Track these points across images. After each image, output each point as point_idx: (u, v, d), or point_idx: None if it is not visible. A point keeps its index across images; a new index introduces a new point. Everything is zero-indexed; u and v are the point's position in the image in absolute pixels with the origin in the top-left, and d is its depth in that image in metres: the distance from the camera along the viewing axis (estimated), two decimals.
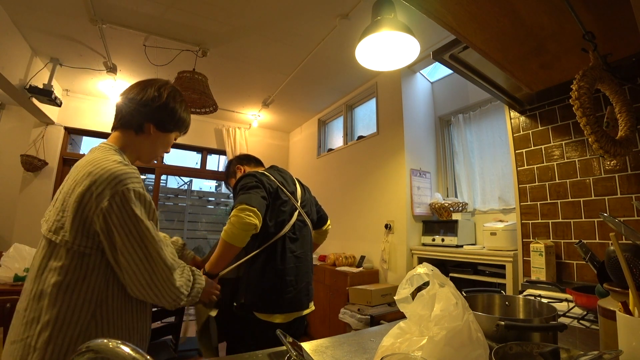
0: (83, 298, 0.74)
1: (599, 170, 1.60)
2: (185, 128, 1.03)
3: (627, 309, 0.58)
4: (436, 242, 2.75)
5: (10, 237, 3.53)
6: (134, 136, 0.92)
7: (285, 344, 0.67)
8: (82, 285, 0.74)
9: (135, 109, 0.90)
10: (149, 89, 0.92)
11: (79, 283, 0.74)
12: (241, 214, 1.20)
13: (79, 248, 0.75)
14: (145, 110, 0.90)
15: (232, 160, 1.77)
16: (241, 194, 1.30)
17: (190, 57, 2.99)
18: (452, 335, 0.53)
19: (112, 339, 0.78)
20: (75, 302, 0.73)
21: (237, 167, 1.70)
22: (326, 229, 1.80)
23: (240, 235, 1.19)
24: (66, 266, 0.74)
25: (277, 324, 1.32)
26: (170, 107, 0.94)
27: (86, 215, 0.74)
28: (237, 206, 1.23)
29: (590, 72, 1.11)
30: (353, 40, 2.58)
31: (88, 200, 0.74)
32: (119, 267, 0.77)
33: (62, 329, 0.71)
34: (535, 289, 1.53)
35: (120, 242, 0.75)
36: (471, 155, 2.93)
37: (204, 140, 4.74)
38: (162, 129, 0.95)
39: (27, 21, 2.61)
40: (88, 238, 0.75)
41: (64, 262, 0.74)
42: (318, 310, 3.35)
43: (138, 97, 0.91)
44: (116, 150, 0.87)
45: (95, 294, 0.75)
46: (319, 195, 4.24)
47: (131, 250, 0.75)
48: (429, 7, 1.09)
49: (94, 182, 0.75)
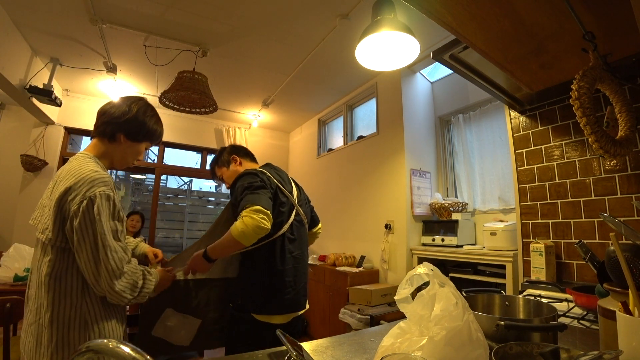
0: (70, 284, 0.91)
1: (599, 170, 1.60)
2: (156, 138, 1.18)
3: (627, 309, 0.58)
4: (436, 242, 2.75)
5: (10, 237, 3.53)
6: (107, 144, 1.07)
7: (285, 344, 0.67)
8: (67, 275, 0.91)
9: (108, 120, 1.06)
10: (122, 105, 1.09)
11: (64, 273, 0.91)
12: (256, 217, 1.19)
13: (60, 244, 0.90)
14: (116, 122, 1.06)
15: (226, 147, 1.69)
16: (249, 194, 1.28)
17: (190, 57, 2.99)
18: (452, 335, 0.53)
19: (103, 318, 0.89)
20: (65, 288, 0.90)
21: (233, 157, 1.63)
22: (317, 231, 1.75)
23: (251, 236, 1.19)
24: (53, 260, 0.90)
25: (276, 325, 1.31)
26: (140, 120, 1.10)
27: (63, 217, 0.90)
28: (250, 206, 1.21)
29: (590, 72, 1.11)
30: (353, 40, 2.58)
31: (64, 204, 0.90)
32: (79, 262, 0.91)
33: (60, 310, 0.88)
34: (535, 289, 1.53)
35: (77, 243, 0.88)
36: (471, 155, 2.93)
37: (204, 140, 4.74)
38: (132, 139, 1.10)
39: (27, 21, 2.61)
40: (65, 235, 0.90)
41: (51, 257, 0.90)
42: (318, 310, 3.35)
43: (112, 111, 1.07)
44: (91, 158, 1.01)
45: (79, 281, 0.92)
46: (319, 196, 4.27)
47: (83, 252, 0.89)
48: (429, 7, 1.09)
49: (69, 188, 0.90)
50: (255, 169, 1.45)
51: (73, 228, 0.88)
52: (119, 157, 1.10)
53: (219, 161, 1.65)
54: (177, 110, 3.02)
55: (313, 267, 3.55)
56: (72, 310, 0.90)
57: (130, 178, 5.13)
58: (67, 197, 0.89)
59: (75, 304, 0.90)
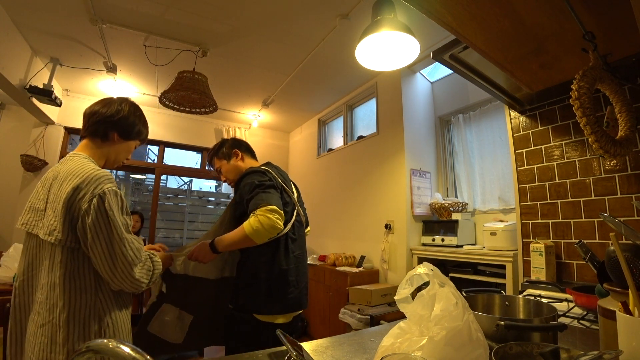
0: (83, 283, 0.92)
1: (599, 170, 1.60)
2: (145, 137, 1.22)
3: (627, 309, 0.58)
4: (436, 242, 2.75)
5: (10, 237, 3.53)
6: (100, 143, 1.08)
7: (285, 344, 0.67)
8: (79, 274, 0.92)
9: (100, 120, 1.07)
10: (112, 104, 1.10)
11: (77, 272, 0.92)
12: (272, 216, 1.18)
13: (70, 244, 0.91)
14: (109, 120, 1.08)
15: (227, 140, 1.63)
16: (261, 192, 1.27)
17: (190, 57, 2.99)
18: (452, 335, 0.53)
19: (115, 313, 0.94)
20: (79, 287, 0.91)
21: (234, 151, 1.58)
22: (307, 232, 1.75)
23: (264, 235, 1.19)
24: (64, 260, 0.91)
25: (278, 325, 1.31)
26: (132, 119, 1.13)
27: (72, 216, 0.90)
28: (264, 205, 1.21)
29: (590, 72, 1.11)
30: (353, 40, 2.58)
31: (72, 203, 0.90)
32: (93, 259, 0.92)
33: (75, 309, 0.90)
34: (535, 289, 1.53)
35: (91, 240, 0.89)
36: (471, 155, 2.93)
37: (204, 140, 4.74)
38: (125, 137, 1.12)
39: (27, 21, 2.61)
40: (75, 235, 0.91)
41: (62, 257, 0.91)
42: (318, 310, 3.35)
43: (102, 111, 1.08)
44: (86, 158, 1.02)
45: (92, 280, 0.93)
46: (319, 196, 4.27)
47: (97, 249, 0.90)
48: (429, 7, 1.09)
49: (76, 187, 0.90)
50: (261, 168, 1.44)
51: (86, 226, 0.89)
52: (111, 155, 1.12)
53: (219, 153, 1.60)
54: (177, 110, 3.02)
55: (313, 267, 3.56)
56: (88, 308, 0.92)
57: (130, 178, 5.13)
58: (75, 196, 0.90)
59: (90, 302, 0.92)
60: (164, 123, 4.47)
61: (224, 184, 1.70)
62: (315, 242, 4.22)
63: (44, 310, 0.90)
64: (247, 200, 1.29)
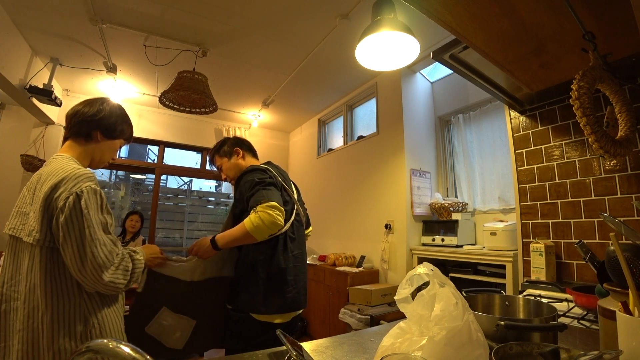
0: (65, 284, 0.90)
1: (599, 170, 1.60)
2: (129, 136, 1.21)
3: (627, 309, 0.58)
4: (436, 242, 2.75)
5: None
6: (84, 144, 1.08)
7: (285, 344, 0.67)
8: (60, 275, 0.90)
9: (83, 120, 1.06)
10: (94, 104, 1.10)
11: (57, 273, 0.90)
12: (272, 213, 1.19)
13: (49, 244, 0.89)
14: (92, 119, 1.07)
15: (229, 138, 1.65)
16: (261, 189, 1.27)
17: (190, 57, 2.99)
18: (452, 335, 0.53)
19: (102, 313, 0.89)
20: (60, 288, 0.89)
21: (236, 149, 1.59)
22: (308, 233, 1.71)
23: (265, 232, 1.19)
24: (44, 261, 0.89)
25: (276, 324, 1.31)
26: (114, 118, 1.12)
27: (50, 215, 0.89)
28: (265, 202, 1.21)
29: (590, 72, 1.11)
30: (353, 40, 2.58)
31: (50, 202, 0.89)
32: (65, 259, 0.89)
33: (59, 311, 0.88)
34: (535, 289, 1.53)
35: (62, 238, 0.87)
36: (471, 155, 2.93)
37: (204, 140, 4.74)
38: (109, 136, 1.12)
39: (27, 21, 2.61)
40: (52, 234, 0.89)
41: (41, 258, 0.89)
42: (318, 310, 3.35)
43: (84, 110, 1.07)
44: (69, 159, 1.01)
45: (74, 280, 0.90)
46: (319, 195, 4.27)
47: (68, 248, 0.87)
48: (429, 7, 1.09)
49: (54, 186, 0.89)
50: (261, 166, 1.44)
51: (59, 224, 0.87)
52: (97, 155, 1.11)
53: (220, 150, 1.61)
54: (177, 110, 3.02)
55: (313, 267, 3.56)
56: (72, 308, 0.89)
57: (130, 178, 5.13)
58: (52, 194, 0.88)
59: (74, 303, 0.90)
60: (164, 123, 4.47)
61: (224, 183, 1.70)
62: (315, 242, 4.22)
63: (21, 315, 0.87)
64: (247, 198, 1.29)
